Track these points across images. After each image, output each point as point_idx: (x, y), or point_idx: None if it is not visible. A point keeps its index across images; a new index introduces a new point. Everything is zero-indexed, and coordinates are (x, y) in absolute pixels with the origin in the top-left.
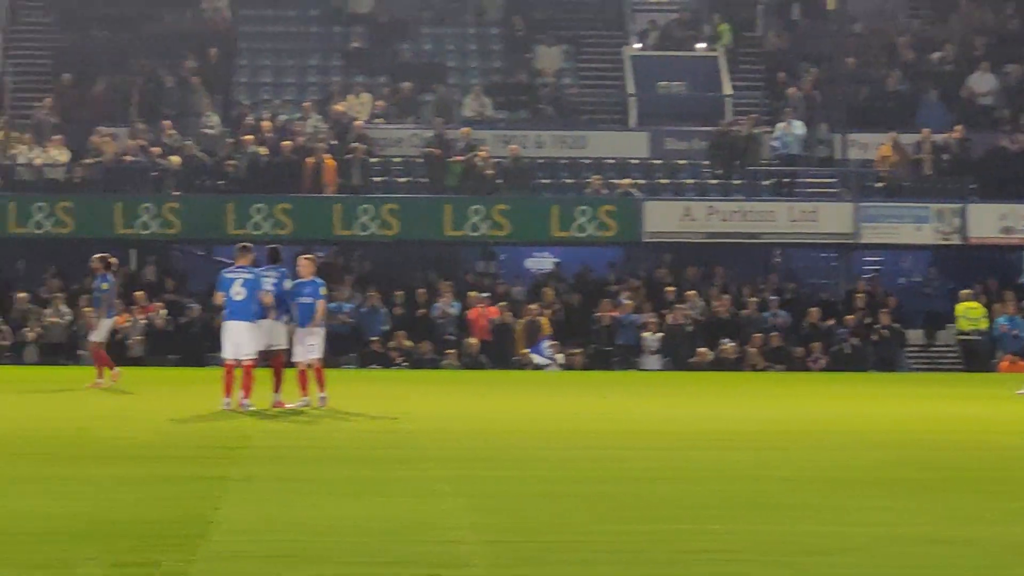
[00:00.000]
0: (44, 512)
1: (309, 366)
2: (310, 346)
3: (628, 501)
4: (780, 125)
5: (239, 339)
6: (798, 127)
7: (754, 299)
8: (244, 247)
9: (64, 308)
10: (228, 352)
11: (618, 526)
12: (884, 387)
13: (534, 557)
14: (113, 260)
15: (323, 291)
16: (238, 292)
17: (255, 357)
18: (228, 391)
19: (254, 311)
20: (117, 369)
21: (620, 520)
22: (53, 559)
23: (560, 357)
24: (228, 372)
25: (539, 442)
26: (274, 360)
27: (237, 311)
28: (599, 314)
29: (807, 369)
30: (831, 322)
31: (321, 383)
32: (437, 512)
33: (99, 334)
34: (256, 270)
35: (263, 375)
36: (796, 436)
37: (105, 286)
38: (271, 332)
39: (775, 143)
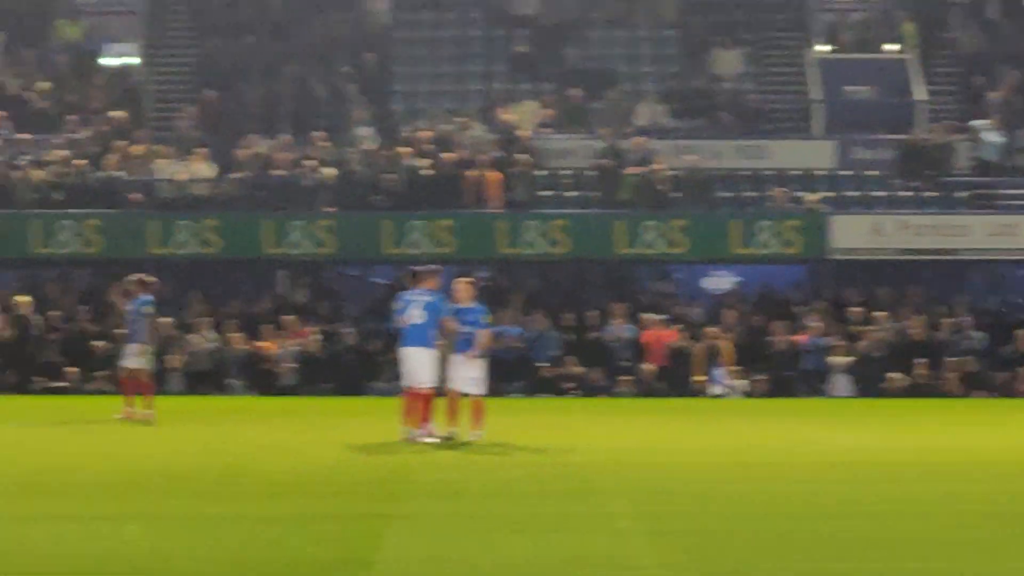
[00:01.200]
0: (191, 553)
1: (466, 396)
2: (472, 379)
3: (815, 539)
4: (978, 123)
5: (415, 366)
6: (994, 135)
7: (949, 320)
8: (430, 270)
9: (210, 333)
10: (409, 379)
11: (806, 565)
12: None
13: None
14: (151, 280)
15: (484, 319)
16: (417, 316)
17: (432, 387)
18: (408, 419)
19: (432, 337)
20: (152, 410)
21: (808, 559)
22: None
23: (741, 384)
24: (409, 400)
25: (721, 475)
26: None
27: (414, 337)
28: (782, 337)
29: (1013, 395)
30: None
31: (479, 419)
32: (616, 548)
33: (141, 360)
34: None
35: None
36: (999, 466)
37: (148, 309)
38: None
39: (971, 143)
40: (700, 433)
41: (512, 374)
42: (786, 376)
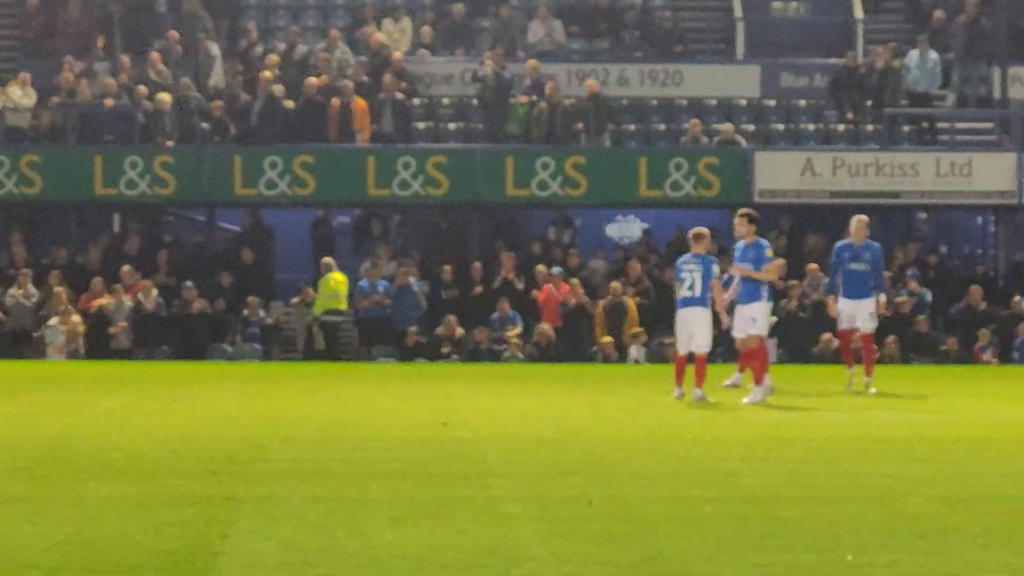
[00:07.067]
0: (15, 541)
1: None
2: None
3: (728, 527)
4: (913, 53)
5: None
6: (932, 60)
7: (890, 274)
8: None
9: (31, 288)
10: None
11: (732, 556)
12: None
13: None
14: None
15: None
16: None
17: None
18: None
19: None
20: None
21: (731, 550)
22: None
23: (636, 350)
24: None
25: (626, 453)
26: None
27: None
28: None
29: (971, 362)
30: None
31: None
32: (506, 539)
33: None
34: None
35: None
36: (954, 444)
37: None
38: None
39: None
40: (603, 405)
41: (380, 336)
42: None
